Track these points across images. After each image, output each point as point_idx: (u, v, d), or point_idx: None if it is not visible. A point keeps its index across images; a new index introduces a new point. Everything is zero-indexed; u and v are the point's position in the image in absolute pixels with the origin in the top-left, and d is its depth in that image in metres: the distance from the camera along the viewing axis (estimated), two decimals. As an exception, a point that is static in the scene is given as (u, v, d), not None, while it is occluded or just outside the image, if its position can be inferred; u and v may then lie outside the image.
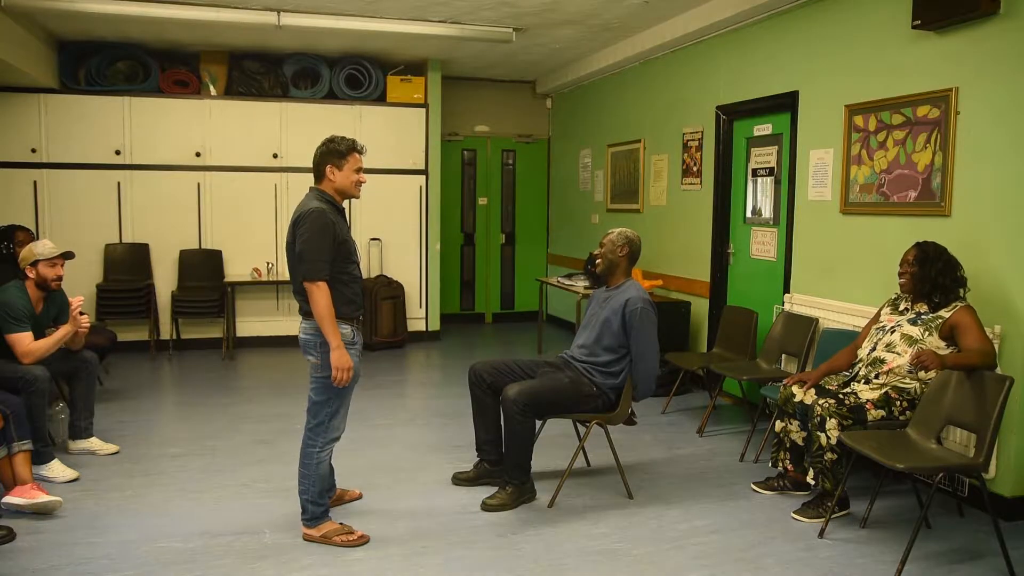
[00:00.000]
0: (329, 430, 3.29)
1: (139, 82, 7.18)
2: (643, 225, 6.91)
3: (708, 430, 4.99)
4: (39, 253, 4.14)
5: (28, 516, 3.47)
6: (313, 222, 3.14)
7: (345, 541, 3.28)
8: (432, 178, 7.91)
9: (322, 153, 3.29)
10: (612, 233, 3.95)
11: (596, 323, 3.85)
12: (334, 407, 3.27)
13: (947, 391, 3.33)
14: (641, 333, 3.70)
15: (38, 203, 7.01)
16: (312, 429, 3.29)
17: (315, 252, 3.12)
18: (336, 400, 3.26)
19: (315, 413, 3.27)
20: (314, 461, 3.28)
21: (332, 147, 3.28)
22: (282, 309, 7.64)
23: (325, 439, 3.29)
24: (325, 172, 3.28)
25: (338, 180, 3.29)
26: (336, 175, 3.28)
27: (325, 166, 3.28)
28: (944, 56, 3.90)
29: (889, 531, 3.48)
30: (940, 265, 3.51)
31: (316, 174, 3.31)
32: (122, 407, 5.39)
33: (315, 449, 3.28)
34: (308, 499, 3.31)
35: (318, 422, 3.27)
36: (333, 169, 3.27)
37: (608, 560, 3.18)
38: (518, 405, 3.55)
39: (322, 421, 3.27)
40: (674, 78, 6.46)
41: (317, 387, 3.25)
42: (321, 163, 3.28)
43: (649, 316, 3.73)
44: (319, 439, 3.28)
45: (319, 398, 3.25)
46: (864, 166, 4.42)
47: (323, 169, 3.28)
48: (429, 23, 6.29)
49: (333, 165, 3.28)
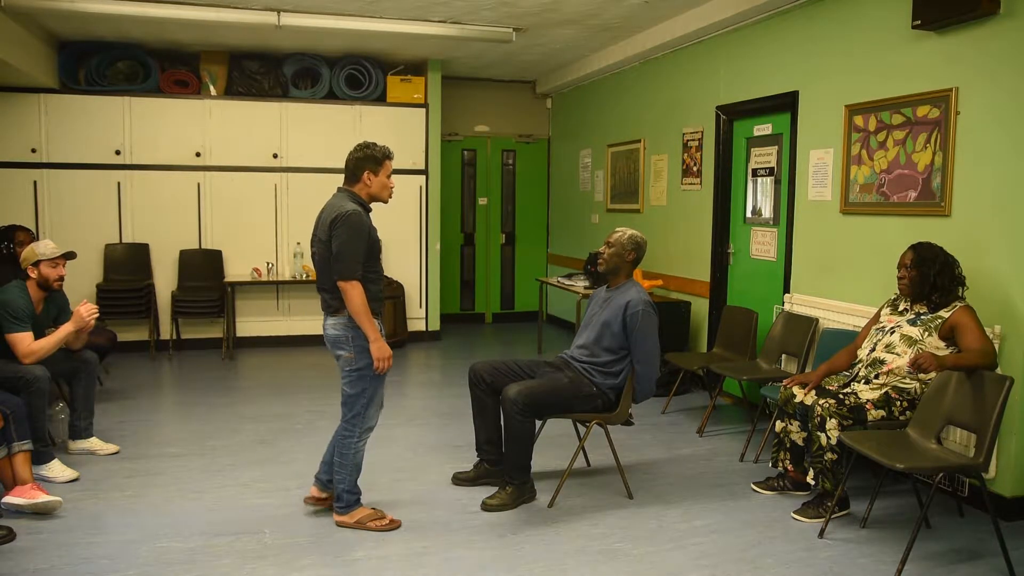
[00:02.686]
0: (365, 420, 3.41)
1: (139, 82, 7.18)
2: (643, 225, 6.91)
3: (708, 430, 4.99)
4: (41, 253, 4.14)
5: (28, 516, 3.47)
6: (351, 224, 3.23)
7: (378, 526, 3.41)
8: (432, 178, 7.91)
9: (359, 158, 3.36)
10: (621, 233, 3.92)
11: (596, 324, 3.85)
12: (368, 397, 3.38)
13: (947, 391, 3.33)
14: (642, 335, 3.70)
15: (38, 203, 7.01)
16: (349, 421, 3.41)
17: (351, 253, 3.22)
18: (370, 391, 3.38)
19: (351, 406, 3.39)
20: (351, 451, 3.41)
21: (370, 153, 3.36)
22: (282, 309, 7.65)
23: (362, 429, 3.42)
24: (362, 177, 3.36)
25: (374, 186, 3.39)
26: (373, 181, 3.38)
27: (363, 171, 3.36)
28: (944, 56, 3.90)
29: (889, 531, 3.48)
30: (938, 266, 3.50)
31: (350, 177, 3.39)
32: (122, 407, 5.39)
33: (353, 439, 3.41)
34: (345, 488, 3.42)
35: (354, 414, 3.39)
36: (370, 175, 3.37)
37: (608, 560, 3.18)
38: (518, 405, 3.56)
39: (358, 412, 3.39)
40: (674, 78, 6.46)
41: (350, 380, 3.36)
42: (358, 168, 3.36)
43: (650, 318, 3.73)
44: (356, 429, 3.40)
45: (353, 391, 3.37)
46: (864, 166, 4.42)
47: (360, 174, 3.36)
48: (429, 23, 6.29)
49: (370, 171, 3.36)
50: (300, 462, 4.32)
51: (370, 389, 3.38)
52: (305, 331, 7.68)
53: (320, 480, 3.63)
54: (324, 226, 3.32)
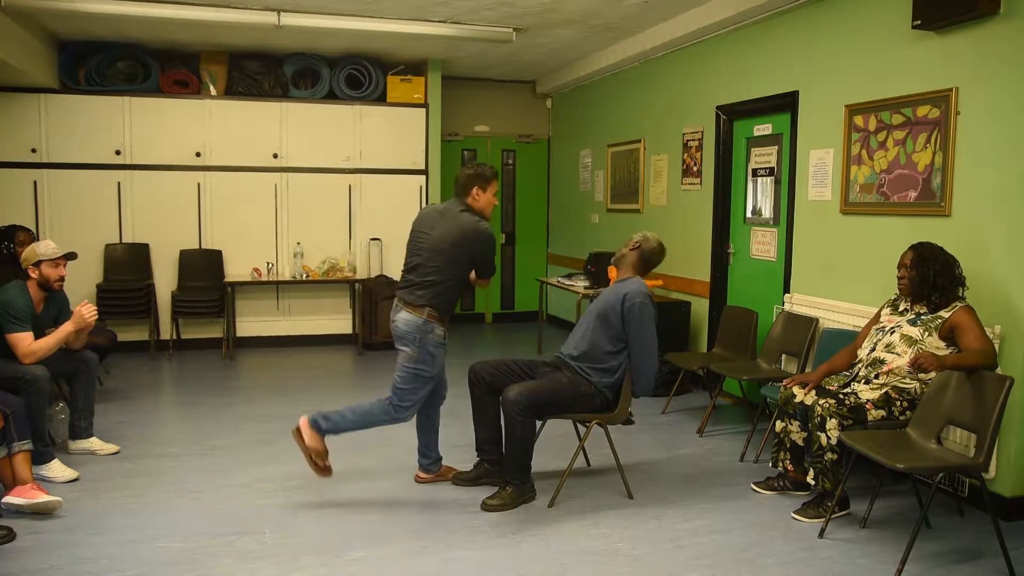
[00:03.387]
0: (402, 412, 3.69)
1: (139, 82, 7.18)
2: (643, 225, 6.90)
3: (708, 430, 4.99)
4: (42, 253, 4.13)
5: (28, 516, 3.47)
6: (491, 238, 3.70)
7: (316, 462, 3.66)
8: (432, 178, 7.91)
9: (471, 175, 3.73)
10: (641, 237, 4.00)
11: (591, 318, 3.84)
12: (417, 396, 3.69)
13: (947, 391, 3.33)
14: (639, 326, 3.68)
15: (38, 203, 7.01)
16: (393, 405, 3.67)
17: (494, 260, 3.80)
18: (421, 390, 3.69)
19: (400, 397, 3.67)
20: (372, 419, 3.68)
21: (480, 171, 3.74)
22: (282, 309, 7.65)
23: (396, 416, 3.69)
24: (472, 192, 3.72)
25: (481, 201, 3.73)
26: (480, 197, 3.73)
27: (472, 187, 3.72)
28: (944, 56, 3.90)
29: (889, 531, 3.48)
30: (938, 267, 3.50)
31: (461, 191, 3.75)
32: (122, 407, 5.39)
33: (385, 419, 3.68)
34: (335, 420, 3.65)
35: (399, 403, 3.67)
36: (479, 191, 3.72)
37: (608, 560, 3.18)
38: (519, 407, 3.56)
39: (404, 405, 3.68)
40: (674, 78, 6.46)
41: (405, 376, 3.65)
42: (469, 184, 3.73)
43: (648, 310, 3.71)
44: (393, 415, 3.68)
45: (405, 386, 3.66)
46: (864, 166, 4.42)
47: (470, 189, 3.72)
48: (429, 23, 6.29)
49: (479, 187, 3.72)
50: (300, 462, 4.30)
51: (422, 390, 3.68)
52: (305, 331, 7.69)
53: (422, 464, 4.01)
54: (454, 231, 3.64)
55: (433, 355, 3.67)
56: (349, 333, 7.81)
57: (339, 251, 7.70)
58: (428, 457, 4.00)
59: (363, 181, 7.75)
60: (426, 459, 4.00)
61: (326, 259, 7.53)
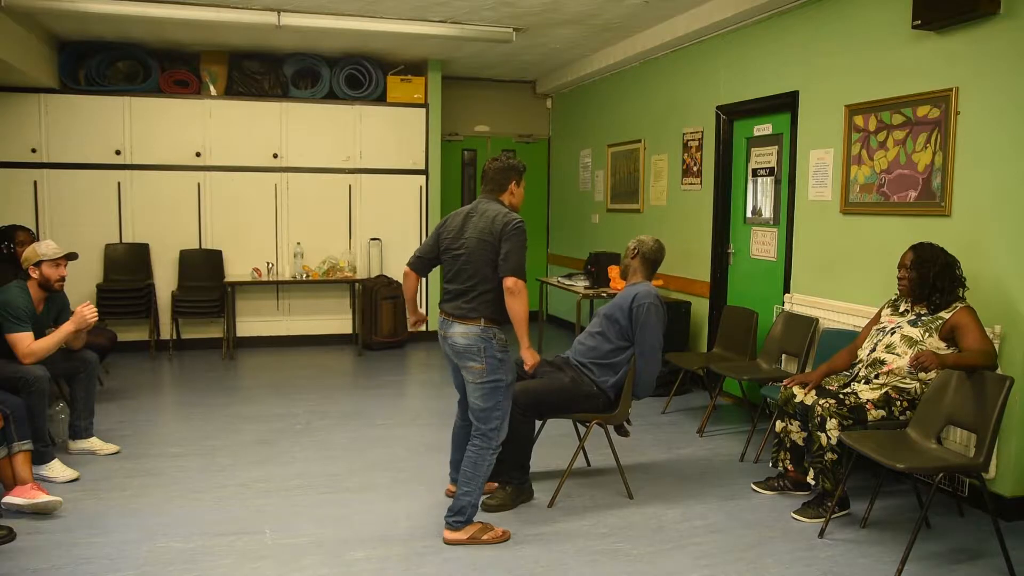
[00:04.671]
0: (500, 432, 3.34)
1: (139, 82, 7.18)
2: (643, 225, 6.91)
3: (708, 430, 4.99)
4: (43, 254, 4.13)
5: (28, 516, 3.47)
6: (523, 234, 3.30)
7: (494, 538, 3.30)
8: (432, 178, 7.91)
9: (506, 168, 3.45)
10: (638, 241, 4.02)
11: (599, 316, 3.87)
12: (504, 410, 3.34)
13: (947, 391, 3.33)
14: (647, 328, 3.71)
15: (38, 203, 7.01)
16: (485, 435, 3.31)
17: (520, 260, 3.27)
18: (505, 403, 3.33)
19: (486, 420, 3.31)
20: (486, 464, 3.31)
21: (513, 164, 3.47)
22: (282, 309, 7.65)
23: (497, 442, 3.34)
24: (509, 187, 3.45)
25: (517, 196, 3.48)
26: (516, 191, 3.47)
27: (510, 181, 3.45)
28: (944, 56, 3.90)
29: (889, 531, 3.48)
30: (937, 267, 3.50)
31: (497, 187, 3.45)
32: (122, 407, 5.39)
33: (488, 452, 3.32)
34: (471, 501, 3.31)
35: (492, 428, 3.32)
36: (516, 185, 3.47)
37: (608, 560, 3.18)
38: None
39: (495, 427, 3.32)
40: (674, 78, 6.46)
41: (483, 393, 3.29)
42: (505, 179, 3.45)
43: (657, 312, 3.73)
44: (492, 443, 3.32)
45: (487, 404, 3.30)
46: (864, 166, 4.42)
47: (507, 184, 3.45)
48: (429, 23, 6.29)
49: (516, 180, 3.47)
50: (300, 462, 4.32)
51: (505, 401, 3.33)
52: (305, 331, 7.69)
53: (454, 478, 3.71)
54: (486, 228, 3.30)
55: (502, 360, 3.33)
56: (349, 333, 7.81)
57: (339, 251, 7.70)
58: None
59: (363, 181, 7.75)
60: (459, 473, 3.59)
61: (326, 259, 7.53)
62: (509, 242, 3.26)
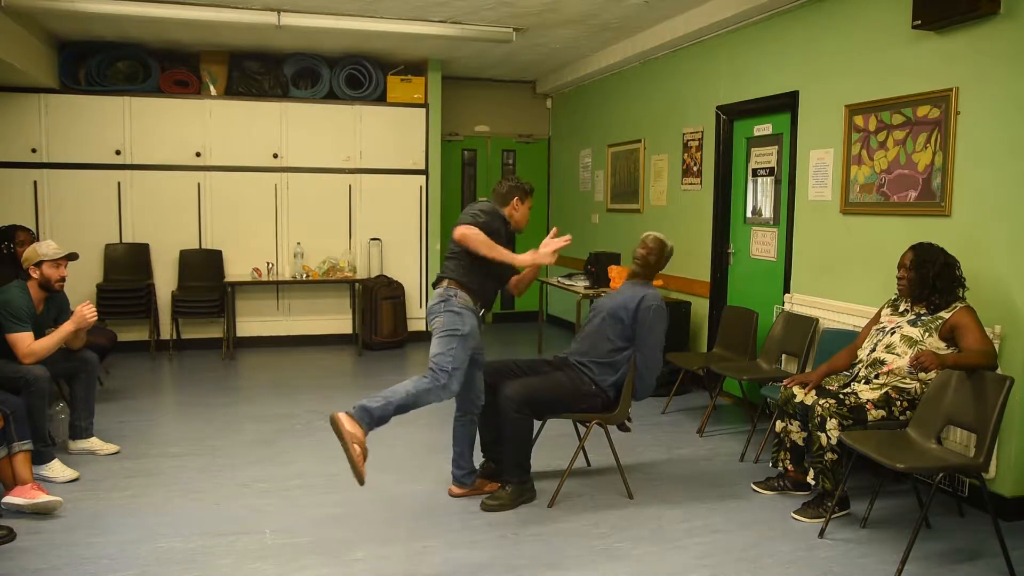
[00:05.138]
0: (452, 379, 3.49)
1: (139, 82, 7.18)
2: (643, 225, 6.90)
3: (708, 430, 4.99)
4: (44, 254, 4.13)
5: (28, 516, 3.47)
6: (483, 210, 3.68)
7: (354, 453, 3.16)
8: (432, 178, 7.91)
9: (512, 186, 3.84)
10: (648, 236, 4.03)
11: (600, 316, 3.87)
12: (455, 356, 3.51)
13: (947, 391, 3.32)
14: (649, 329, 3.74)
15: (38, 203, 7.01)
16: (431, 369, 3.50)
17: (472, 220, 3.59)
18: (457, 350, 3.51)
19: (440, 363, 3.51)
20: (415, 394, 3.43)
21: (520, 185, 3.86)
22: (282, 309, 7.65)
23: (442, 383, 3.47)
24: (512, 202, 3.82)
25: (518, 213, 3.84)
26: (519, 208, 3.83)
27: (513, 197, 3.83)
28: (944, 56, 3.90)
29: (889, 531, 3.48)
30: (937, 268, 3.50)
31: (501, 200, 3.83)
32: (122, 407, 5.39)
33: (425, 382, 3.46)
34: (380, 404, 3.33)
35: (441, 367, 3.49)
36: (518, 202, 3.83)
37: (608, 560, 3.18)
38: (514, 403, 3.56)
39: (444, 367, 3.48)
40: (674, 78, 6.46)
41: (438, 339, 3.56)
42: (509, 194, 3.83)
43: (662, 315, 3.79)
44: (437, 380, 3.47)
45: (440, 349, 3.53)
46: (864, 166, 4.42)
47: (510, 199, 3.82)
48: (429, 23, 6.29)
49: (519, 198, 3.84)
50: (300, 462, 4.32)
51: (458, 350, 3.50)
52: (305, 331, 7.69)
53: (456, 476, 3.83)
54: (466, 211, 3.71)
55: (460, 313, 3.56)
56: (349, 333, 7.81)
57: (339, 251, 7.70)
58: (462, 468, 3.81)
59: (363, 181, 7.75)
60: (460, 470, 3.81)
61: (326, 259, 7.53)
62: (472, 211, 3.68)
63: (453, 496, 3.81)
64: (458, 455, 3.81)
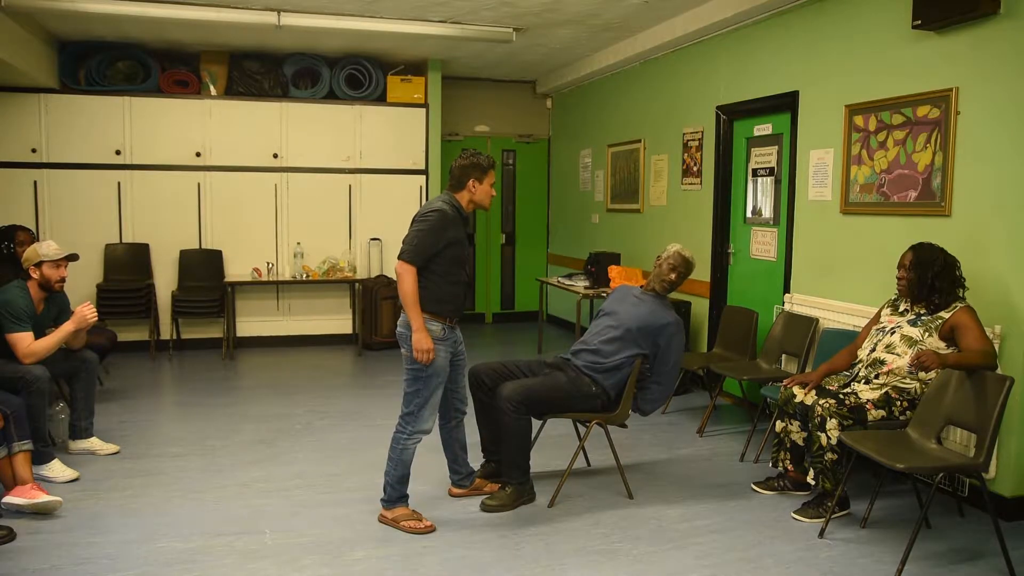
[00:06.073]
0: (418, 420, 3.44)
1: (139, 82, 7.18)
2: (643, 225, 6.92)
3: (708, 430, 4.99)
4: (44, 254, 4.13)
5: (28, 516, 3.47)
6: (429, 220, 3.38)
7: (413, 528, 3.41)
8: (432, 178, 7.91)
9: (465, 166, 3.48)
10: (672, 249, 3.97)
11: (616, 324, 3.84)
12: (424, 398, 3.42)
13: (947, 391, 3.33)
14: (670, 352, 3.82)
15: (38, 203, 7.01)
16: (403, 417, 3.47)
17: (416, 242, 3.36)
18: (425, 391, 3.41)
19: (407, 403, 3.46)
20: (399, 447, 3.46)
21: (476, 161, 3.48)
22: (282, 309, 7.65)
23: (414, 429, 3.45)
24: (467, 184, 3.49)
25: (478, 193, 3.50)
26: (477, 188, 3.49)
27: (468, 179, 3.48)
28: (944, 56, 3.90)
29: (889, 531, 3.48)
30: (937, 268, 3.49)
31: (455, 184, 3.51)
32: (122, 407, 5.39)
33: (403, 436, 3.46)
34: (389, 481, 3.49)
35: (408, 411, 3.45)
36: (475, 183, 3.49)
37: (608, 560, 3.18)
38: (511, 402, 3.55)
39: (412, 411, 3.44)
40: (674, 78, 6.46)
41: (408, 378, 3.44)
42: (464, 176, 3.48)
43: (681, 337, 3.86)
44: (408, 428, 3.45)
45: (409, 389, 3.44)
46: (864, 166, 4.42)
47: (465, 181, 3.48)
48: (429, 23, 6.29)
49: (476, 179, 3.49)
50: (300, 462, 4.32)
51: (424, 390, 3.41)
52: (305, 331, 7.69)
53: (453, 480, 3.84)
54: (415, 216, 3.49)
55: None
56: (349, 333, 7.81)
57: (339, 251, 7.70)
58: (458, 472, 3.82)
59: (363, 181, 7.75)
60: (456, 474, 3.83)
61: (326, 259, 7.53)
62: (413, 227, 3.42)
63: (453, 496, 3.81)
64: (451, 460, 3.82)
